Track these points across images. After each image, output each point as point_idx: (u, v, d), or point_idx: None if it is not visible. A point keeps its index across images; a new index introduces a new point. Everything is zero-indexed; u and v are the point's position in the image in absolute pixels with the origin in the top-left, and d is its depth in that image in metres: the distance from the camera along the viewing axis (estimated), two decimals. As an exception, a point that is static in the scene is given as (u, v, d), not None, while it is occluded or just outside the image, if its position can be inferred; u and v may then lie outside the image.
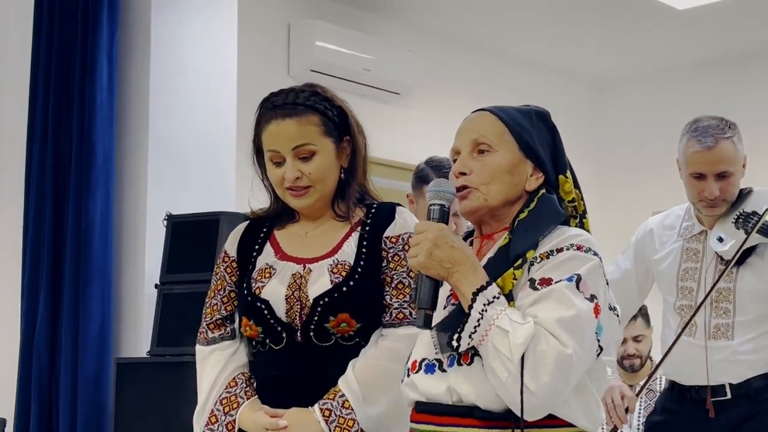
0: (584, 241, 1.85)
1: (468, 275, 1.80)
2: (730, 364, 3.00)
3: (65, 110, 4.20)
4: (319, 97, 2.22)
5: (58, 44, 4.24)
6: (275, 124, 2.18)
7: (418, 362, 1.89)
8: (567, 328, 1.73)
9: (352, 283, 2.14)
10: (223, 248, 2.32)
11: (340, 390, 2.11)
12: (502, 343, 1.72)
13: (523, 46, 6.56)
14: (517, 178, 1.92)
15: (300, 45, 5.45)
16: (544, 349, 1.71)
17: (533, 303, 1.78)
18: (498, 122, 1.94)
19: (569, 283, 1.77)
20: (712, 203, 3.00)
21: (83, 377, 3.92)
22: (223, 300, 2.27)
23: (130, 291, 4.11)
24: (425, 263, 1.81)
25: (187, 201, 4.05)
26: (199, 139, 4.24)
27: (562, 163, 1.98)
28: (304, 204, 2.21)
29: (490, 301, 1.76)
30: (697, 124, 3.02)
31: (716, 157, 2.95)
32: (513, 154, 1.92)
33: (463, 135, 1.98)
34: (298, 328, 2.15)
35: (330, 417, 2.09)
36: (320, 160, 2.19)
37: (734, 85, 6.73)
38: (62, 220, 4.14)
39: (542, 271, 1.81)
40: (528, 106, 2.01)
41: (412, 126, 6.00)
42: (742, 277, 3.00)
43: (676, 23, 6.15)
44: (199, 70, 4.30)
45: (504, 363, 1.72)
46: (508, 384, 1.72)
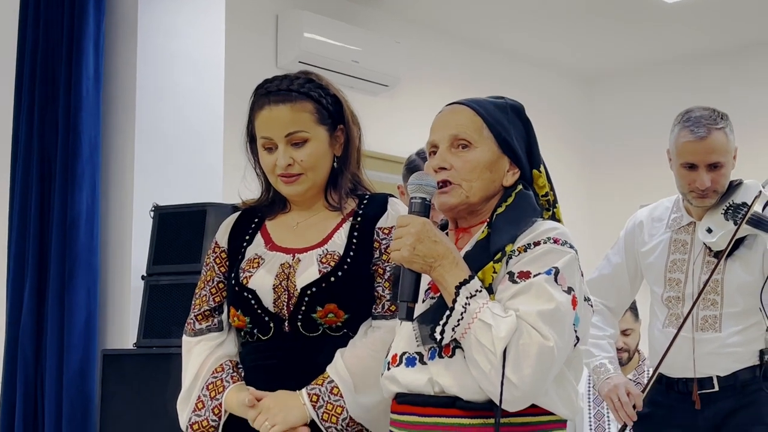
0: (560, 234, 1.88)
1: (450, 269, 1.82)
2: (717, 356, 3.00)
3: (51, 100, 4.17)
4: (313, 84, 2.20)
5: (43, 33, 4.21)
6: (268, 110, 2.16)
7: (398, 355, 1.91)
8: (548, 321, 1.77)
9: (340, 274, 2.12)
10: (215, 238, 2.31)
11: (328, 376, 2.10)
12: (485, 336, 1.75)
13: (512, 39, 6.56)
14: (495, 174, 1.95)
15: (288, 36, 5.43)
16: (526, 342, 1.75)
17: (513, 296, 1.81)
18: (476, 117, 1.96)
19: (548, 276, 1.81)
20: (702, 194, 2.99)
21: (69, 369, 3.90)
22: (211, 291, 2.26)
23: (117, 282, 4.09)
24: (408, 258, 1.83)
25: (174, 192, 4.02)
26: (186, 130, 4.21)
27: (536, 158, 2.00)
28: (296, 191, 2.19)
29: (473, 294, 1.80)
30: (689, 114, 3.01)
31: (708, 148, 2.95)
32: (491, 151, 1.94)
33: (441, 129, 1.98)
34: (286, 318, 2.13)
35: (318, 402, 2.07)
36: (313, 148, 2.17)
37: (723, 78, 6.74)
38: (48, 211, 4.12)
39: (521, 264, 1.84)
40: (503, 99, 2.02)
41: (401, 117, 5.99)
42: (731, 269, 3.00)
43: (665, 17, 6.16)
44: (187, 61, 4.28)
45: (487, 356, 1.75)
46: (491, 376, 1.75)
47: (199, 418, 2.16)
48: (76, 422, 3.89)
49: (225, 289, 2.25)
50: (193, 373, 2.21)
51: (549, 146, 2.12)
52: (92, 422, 3.90)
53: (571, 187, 6.78)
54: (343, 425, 2.07)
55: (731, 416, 2.99)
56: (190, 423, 2.17)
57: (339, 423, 2.07)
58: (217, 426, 2.15)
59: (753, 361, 3.00)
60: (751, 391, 2.99)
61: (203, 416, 2.16)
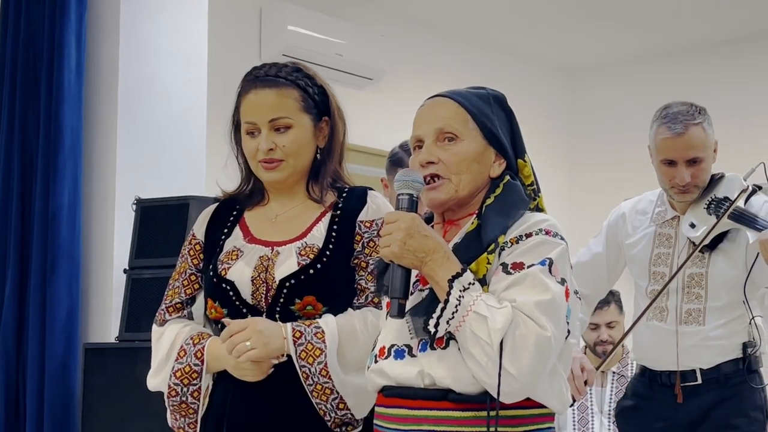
0: (551, 225, 1.88)
1: (441, 263, 1.81)
2: (700, 349, 3.01)
3: (32, 93, 4.14)
4: (301, 73, 2.21)
5: (25, 26, 4.18)
6: (254, 94, 2.17)
7: (386, 348, 1.90)
8: (545, 311, 1.76)
9: (319, 266, 2.12)
10: (192, 229, 2.30)
11: (317, 323, 2.09)
12: (481, 328, 1.74)
13: (496, 33, 6.56)
14: (482, 166, 1.94)
15: (272, 29, 5.41)
16: (523, 333, 1.74)
17: (508, 287, 1.80)
18: (461, 110, 1.94)
19: (542, 266, 1.81)
20: (683, 189, 3.00)
21: (51, 363, 3.89)
22: (183, 283, 2.26)
23: (99, 276, 4.07)
24: (399, 253, 1.81)
25: (156, 185, 4.01)
26: (168, 123, 4.20)
27: (520, 147, 2.00)
28: (276, 178, 2.18)
29: (466, 287, 1.78)
30: (667, 110, 3.02)
31: (686, 144, 2.96)
32: (478, 142, 1.93)
33: (425, 123, 1.96)
34: (264, 310, 2.13)
35: (299, 340, 2.06)
36: (296, 135, 2.17)
37: (706, 72, 6.76)
38: (29, 204, 4.09)
39: (513, 256, 1.83)
40: (484, 89, 2.01)
41: (385, 111, 5.98)
42: (715, 262, 3.01)
43: (648, 10, 6.17)
44: (170, 53, 4.26)
45: (483, 348, 1.74)
46: (488, 368, 1.74)
47: (182, 365, 2.15)
48: (58, 416, 3.87)
49: (197, 281, 2.25)
50: (168, 343, 2.19)
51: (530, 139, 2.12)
52: (74, 416, 3.89)
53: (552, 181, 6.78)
54: (317, 368, 2.06)
55: (714, 408, 3.00)
56: (173, 371, 2.15)
57: (314, 365, 2.06)
58: (200, 371, 2.13)
59: (736, 354, 3.01)
60: (734, 383, 3.00)
61: (185, 362, 2.14)
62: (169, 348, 2.18)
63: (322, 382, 2.07)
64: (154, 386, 2.22)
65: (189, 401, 2.14)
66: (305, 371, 2.06)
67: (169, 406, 2.18)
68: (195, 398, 2.14)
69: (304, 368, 2.06)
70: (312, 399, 2.08)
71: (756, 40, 6.56)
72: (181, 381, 2.14)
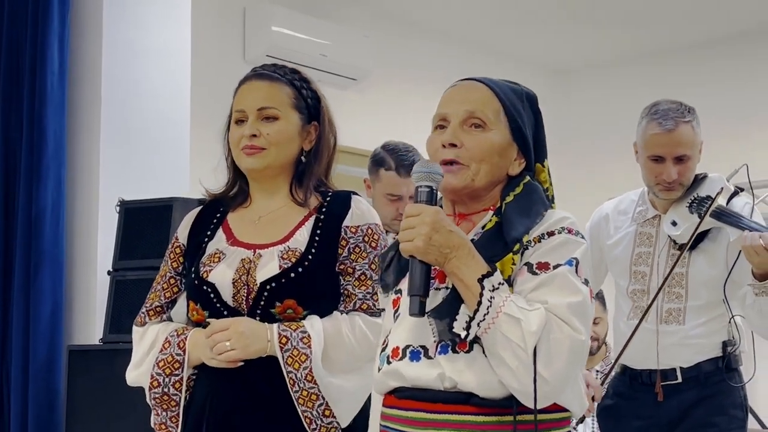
0: (572, 224, 1.82)
1: (467, 261, 1.72)
2: (680, 347, 3.02)
3: (15, 95, 4.13)
4: (298, 75, 2.26)
5: (7, 28, 4.17)
6: (248, 84, 2.22)
7: (401, 349, 1.81)
8: (577, 314, 1.71)
9: (300, 270, 2.13)
10: (176, 233, 2.32)
11: (303, 326, 2.10)
12: (513, 331, 1.67)
13: (482, 33, 6.57)
14: (503, 161, 1.85)
15: (255, 29, 5.41)
16: (558, 337, 1.68)
17: (536, 288, 1.73)
18: (495, 99, 1.86)
19: (570, 267, 1.75)
20: (669, 186, 3.01)
21: (35, 365, 3.88)
22: (163, 286, 2.27)
23: (82, 278, 4.06)
24: (424, 249, 1.71)
25: (139, 187, 4.01)
26: (152, 125, 4.19)
27: (542, 151, 1.93)
28: (254, 164, 2.19)
29: (496, 287, 1.71)
30: (657, 107, 3.03)
31: (675, 140, 2.97)
32: (504, 136, 1.85)
33: (455, 103, 1.87)
34: (245, 312, 2.14)
35: (286, 345, 2.07)
36: (281, 126, 2.19)
37: (693, 73, 6.79)
38: (13, 206, 4.09)
39: (538, 255, 1.77)
40: (518, 85, 1.94)
41: (369, 111, 5.99)
42: (695, 262, 3.02)
43: (637, 12, 6.19)
44: (153, 54, 4.25)
45: (515, 351, 1.67)
46: (519, 372, 1.67)
47: (165, 355, 2.15)
48: (42, 417, 3.87)
49: (176, 284, 2.26)
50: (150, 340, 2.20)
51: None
52: (58, 417, 3.88)
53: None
54: (302, 374, 2.07)
55: (694, 407, 3.01)
56: (156, 361, 2.15)
57: (300, 371, 2.07)
58: (182, 361, 2.14)
59: (716, 353, 3.02)
60: (713, 382, 3.01)
61: (168, 353, 2.15)
62: (151, 343, 2.20)
63: (307, 388, 2.08)
64: (132, 379, 2.23)
65: (171, 392, 2.15)
66: (291, 377, 2.07)
67: (150, 401, 2.18)
68: (177, 389, 2.14)
69: (290, 374, 2.07)
70: (298, 407, 2.08)
71: (747, 39, 6.58)
72: (163, 371, 2.15)
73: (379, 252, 2.20)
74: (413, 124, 5.98)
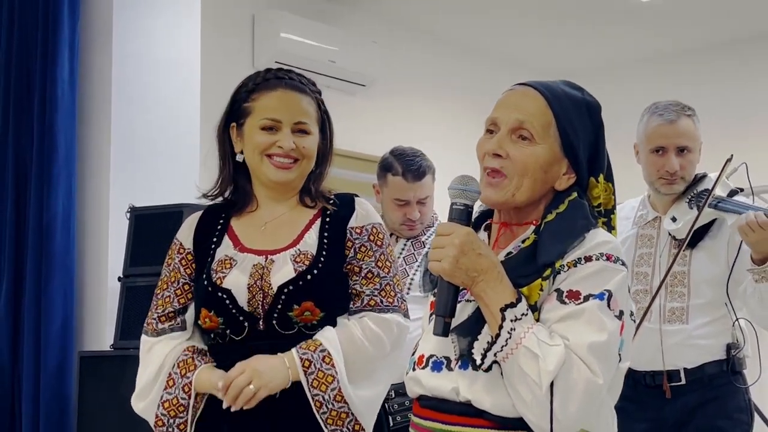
0: (613, 249, 1.73)
1: (494, 285, 1.68)
2: (684, 348, 3.02)
3: (26, 103, 4.16)
4: (316, 88, 2.29)
5: (19, 37, 4.20)
6: (283, 92, 2.21)
7: (425, 358, 1.81)
8: (598, 356, 1.65)
9: (316, 272, 2.15)
10: (177, 239, 2.30)
11: (321, 344, 2.10)
12: (530, 366, 1.64)
13: (488, 39, 6.58)
14: (549, 176, 1.78)
15: (264, 36, 5.43)
16: (575, 378, 1.63)
17: (561, 319, 1.68)
18: (548, 111, 1.78)
19: (600, 301, 1.67)
20: (671, 180, 3.03)
21: (46, 371, 3.90)
22: (176, 292, 2.25)
23: (93, 284, 4.08)
24: (450, 271, 1.68)
25: (150, 193, 4.02)
26: (162, 132, 4.21)
27: (599, 165, 1.84)
28: (287, 178, 2.22)
29: (518, 318, 1.66)
30: (657, 104, 3.08)
31: (677, 131, 3.01)
32: (553, 150, 1.78)
33: (507, 109, 1.80)
34: (261, 317, 2.14)
35: (309, 368, 2.08)
36: (312, 141, 2.24)
37: (697, 76, 6.79)
38: (24, 213, 4.11)
39: (569, 282, 1.70)
40: (581, 92, 1.86)
41: (377, 117, 6.00)
42: (696, 260, 3.03)
43: (640, 15, 6.20)
44: (163, 62, 4.27)
45: (530, 386, 1.64)
46: (533, 407, 1.64)
47: (170, 395, 2.15)
48: (54, 423, 3.88)
49: (190, 291, 2.24)
50: (156, 366, 2.18)
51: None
52: (69, 423, 3.89)
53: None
54: (331, 395, 2.08)
55: (699, 410, 3.01)
56: (161, 401, 2.15)
57: (327, 392, 2.08)
58: (186, 405, 2.13)
59: (720, 355, 3.02)
60: (718, 384, 3.02)
61: (173, 394, 2.15)
62: (156, 371, 2.18)
63: (337, 408, 2.09)
64: (140, 410, 2.22)
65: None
66: (318, 399, 2.08)
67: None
68: (181, 430, 2.15)
69: (317, 396, 2.08)
70: (326, 428, 2.08)
71: (752, 43, 6.59)
72: (168, 412, 2.15)
73: (384, 250, 2.23)
74: (421, 129, 6.01)
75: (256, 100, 2.22)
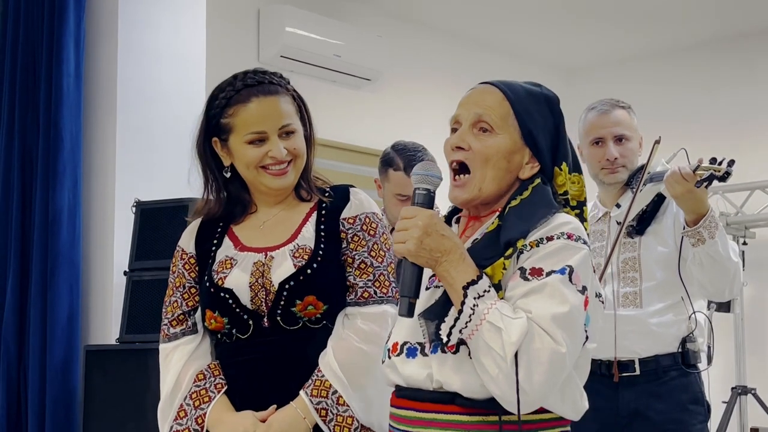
0: (574, 229, 1.79)
1: (457, 265, 1.75)
2: (639, 336, 3.05)
3: (32, 97, 4.16)
4: (285, 80, 2.25)
5: (24, 30, 4.20)
6: (257, 102, 2.17)
7: (399, 344, 1.86)
8: (561, 325, 1.69)
9: (315, 266, 2.14)
10: (179, 246, 2.31)
11: (330, 386, 2.11)
12: (494, 339, 1.68)
13: (493, 33, 6.58)
14: (512, 165, 1.86)
15: (270, 30, 5.43)
16: (538, 348, 1.67)
17: (525, 294, 1.73)
18: (505, 102, 1.87)
19: (562, 275, 1.73)
20: (612, 168, 3.12)
21: (52, 365, 3.91)
22: (183, 296, 2.26)
23: (99, 278, 4.09)
24: (415, 251, 1.75)
25: (155, 187, 4.03)
26: (167, 126, 4.21)
27: (562, 154, 1.91)
28: (284, 184, 2.21)
29: (481, 294, 1.72)
30: (592, 103, 3.22)
31: (613, 120, 3.13)
32: (513, 140, 1.86)
33: (467, 106, 1.90)
34: (265, 314, 2.14)
35: (328, 416, 2.09)
36: (299, 138, 2.22)
37: (701, 72, 6.78)
38: (30, 207, 4.12)
39: (532, 260, 1.75)
40: (539, 87, 1.94)
41: (383, 112, 6.00)
42: (646, 245, 3.09)
43: (645, 10, 6.18)
44: (168, 56, 4.28)
45: (495, 360, 1.68)
46: (499, 380, 1.69)
47: (181, 427, 2.16)
48: (60, 417, 3.90)
49: (197, 293, 2.25)
50: (173, 380, 2.20)
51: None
52: (75, 417, 3.91)
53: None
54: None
55: (653, 402, 3.03)
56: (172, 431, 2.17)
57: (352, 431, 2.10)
58: None
59: (674, 348, 3.05)
60: (671, 377, 3.04)
61: (185, 425, 2.16)
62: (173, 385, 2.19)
63: None
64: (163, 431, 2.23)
65: None
66: None
67: None
68: None
69: None
70: None
71: (755, 38, 6.58)
72: None
73: (377, 239, 2.22)
74: (426, 123, 6.00)
75: (233, 115, 2.18)
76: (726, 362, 5.99)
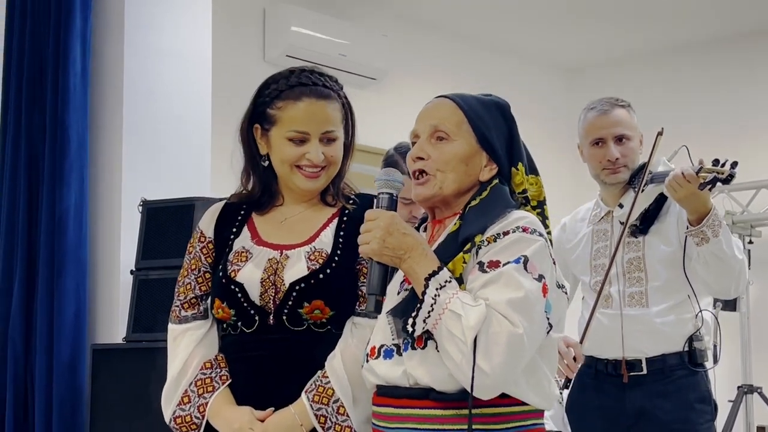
0: (529, 222, 1.90)
1: (420, 260, 1.86)
2: (645, 335, 3.05)
3: (38, 97, 4.17)
4: (339, 85, 2.26)
5: (30, 30, 4.21)
6: (308, 103, 2.19)
7: (377, 348, 1.94)
8: (517, 309, 1.78)
9: (328, 271, 2.15)
10: (198, 227, 2.31)
11: (333, 393, 2.11)
12: (455, 326, 1.77)
13: (497, 33, 6.58)
14: (471, 168, 1.98)
15: (275, 30, 5.44)
16: (496, 331, 1.76)
17: (483, 285, 1.82)
18: (458, 111, 2.00)
19: (517, 264, 1.83)
20: (614, 168, 3.10)
21: (59, 364, 3.91)
22: (197, 280, 2.27)
23: (106, 277, 4.10)
24: (378, 250, 1.88)
25: (162, 187, 4.04)
26: (173, 125, 4.22)
27: (517, 155, 2.02)
28: (316, 186, 2.23)
29: (443, 285, 1.82)
30: (591, 102, 3.19)
31: (613, 120, 3.11)
32: (469, 145, 1.98)
33: (423, 120, 2.03)
34: (271, 311, 2.15)
35: (326, 424, 2.10)
36: (338, 146, 2.24)
37: (701, 72, 6.78)
38: (36, 207, 4.12)
39: (490, 254, 1.86)
40: (489, 96, 2.07)
41: (388, 111, 6.01)
42: (649, 244, 3.09)
43: (646, 10, 6.18)
44: (174, 55, 4.28)
45: (458, 345, 1.77)
46: (462, 366, 1.77)
47: (184, 412, 2.18)
48: (66, 416, 3.90)
49: (211, 279, 2.26)
50: (180, 363, 2.22)
51: (532, 137, 2.16)
52: (82, 416, 3.91)
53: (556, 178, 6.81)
54: None
55: (661, 401, 3.04)
56: (173, 416, 2.19)
57: None
58: (199, 424, 2.16)
59: (681, 347, 3.05)
60: (678, 376, 3.04)
61: (187, 411, 2.18)
62: (179, 369, 2.21)
63: None
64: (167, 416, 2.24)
65: None
66: None
67: None
68: None
69: None
70: None
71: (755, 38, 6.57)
72: (180, 428, 2.18)
73: None
74: (432, 123, 6.00)
75: (281, 109, 2.20)
76: (732, 361, 5.98)
